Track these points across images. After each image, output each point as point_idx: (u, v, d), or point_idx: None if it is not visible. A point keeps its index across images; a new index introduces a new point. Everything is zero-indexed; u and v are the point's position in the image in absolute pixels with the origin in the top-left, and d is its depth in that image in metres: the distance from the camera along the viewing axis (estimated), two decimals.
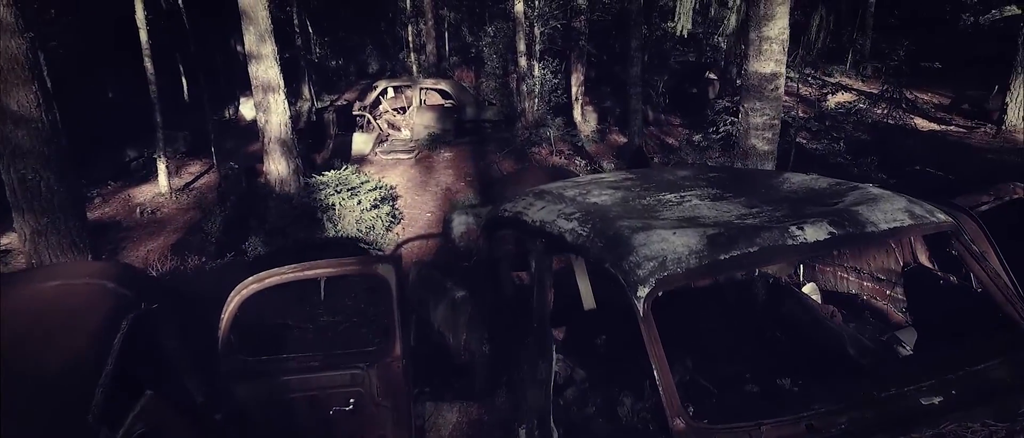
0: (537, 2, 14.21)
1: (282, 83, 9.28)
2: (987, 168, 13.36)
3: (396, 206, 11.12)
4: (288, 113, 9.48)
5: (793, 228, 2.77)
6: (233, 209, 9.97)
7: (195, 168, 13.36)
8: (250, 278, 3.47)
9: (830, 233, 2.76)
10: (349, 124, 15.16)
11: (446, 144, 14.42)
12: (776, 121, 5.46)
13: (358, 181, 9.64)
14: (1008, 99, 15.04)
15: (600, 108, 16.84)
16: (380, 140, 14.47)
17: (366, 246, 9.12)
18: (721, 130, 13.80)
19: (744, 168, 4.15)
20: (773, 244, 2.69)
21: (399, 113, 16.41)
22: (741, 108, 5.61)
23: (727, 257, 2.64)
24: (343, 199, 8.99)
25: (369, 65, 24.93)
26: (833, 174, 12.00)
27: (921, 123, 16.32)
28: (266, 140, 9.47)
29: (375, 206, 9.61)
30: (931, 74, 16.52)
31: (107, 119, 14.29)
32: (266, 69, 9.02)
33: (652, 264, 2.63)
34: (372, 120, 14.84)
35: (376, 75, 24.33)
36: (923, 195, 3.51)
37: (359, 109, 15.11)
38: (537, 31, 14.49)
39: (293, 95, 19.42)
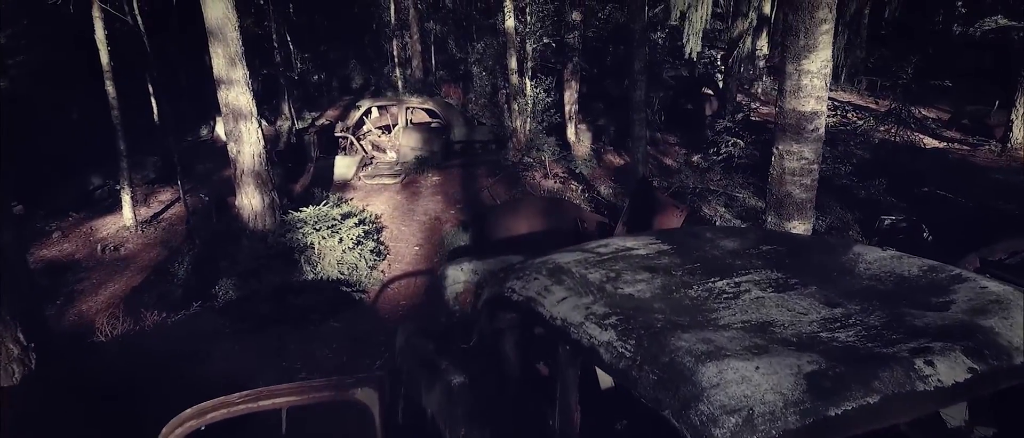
0: (529, 17, 13.53)
1: (255, 110, 8.50)
2: (997, 190, 12.85)
3: (381, 238, 10.35)
4: (262, 143, 8.69)
5: (920, 363, 2.04)
6: (203, 247, 9.14)
7: (166, 196, 12.49)
8: (187, 412, 2.67)
9: (970, 370, 2.04)
10: (332, 145, 14.37)
11: (434, 167, 13.67)
12: (815, 165, 4.79)
13: (338, 214, 8.86)
14: (1013, 116, 14.56)
15: (594, 126, 16.18)
16: (364, 163, 13.69)
17: (348, 289, 8.33)
18: (723, 151, 13.19)
19: (796, 236, 3.48)
20: (899, 390, 1.97)
21: (384, 132, 15.64)
22: (775, 150, 4.93)
23: (839, 413, 1.91)
24: (323, 238, 8.20)
25: (353, 80, 24.12)
26: (840, 198, 11.36)
27: (926, 141, 15.83)
28: (238, 172, 8.67)
29: (358, 243, 8.83)
30: (928, 88, 16.09)
31: (72, 143, 13.38)
32: (237, 95, 8.24)
33: (734, 421, 1.89)
34: (355, 142, 14.06)
35: (360, 90, 23.53)
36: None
37: (341, 130, 14.32)
38: (529, 47, 13.81)
39: (273, 113, 18.59)
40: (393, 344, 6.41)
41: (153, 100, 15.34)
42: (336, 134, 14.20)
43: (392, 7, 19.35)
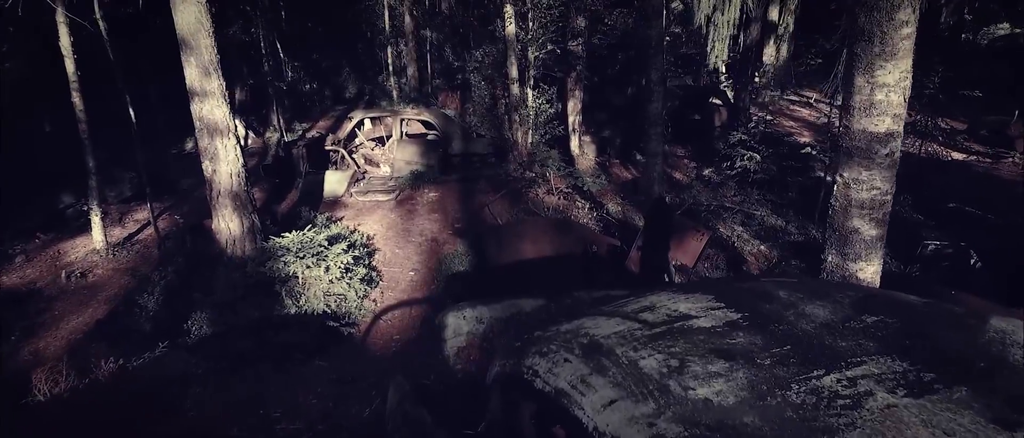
0: (531, 23, 12.77)
1: (232, 124, 7.69)
2: None
3: (373, 262, 9.53)
4: (240, 160, 7.87)
5: None
6: (175, 276, 8.30)
7: (143, 214, 11.62)
8: None
9: None
10: (322, 159, 13.56)
11: (431, 182, 12.86)
12: (888, 196, 4.01)
13: (325, 239, 8.02)
14: None
15: (598, 138, 15.41)
16: (356, 179, 12.86)
17: (335, 323, 7.51)
18: (737, 165, 12.42)
19: (903, 299, 2.70)
20: None
21: (378, 144, 14.83)
22: (838, 177, 4.15)
23: None
24: (308, 267, 7.37)
25: (346, 89, 23.33)
26: None
27: (949, 154, 15.11)
28: (214, 194, 7.85)
29: (348, 270, 8.01)
30: (946, 98, 15.36)
31: (43, 158, 12.52)
32: (212, 108, 7.42)
33: None
34: (347, 156, 13.24)
35: (354, 100, 22.73)
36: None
37: (332, 143, 13.51)
38: (531, 55, 13.04)
39: (261, 123, 17.77)
40: (385, 390, 5.60)
41: (131, 111, 14.54)
42: (326, 148, 13.38)
43: (387, 14, 18.56)
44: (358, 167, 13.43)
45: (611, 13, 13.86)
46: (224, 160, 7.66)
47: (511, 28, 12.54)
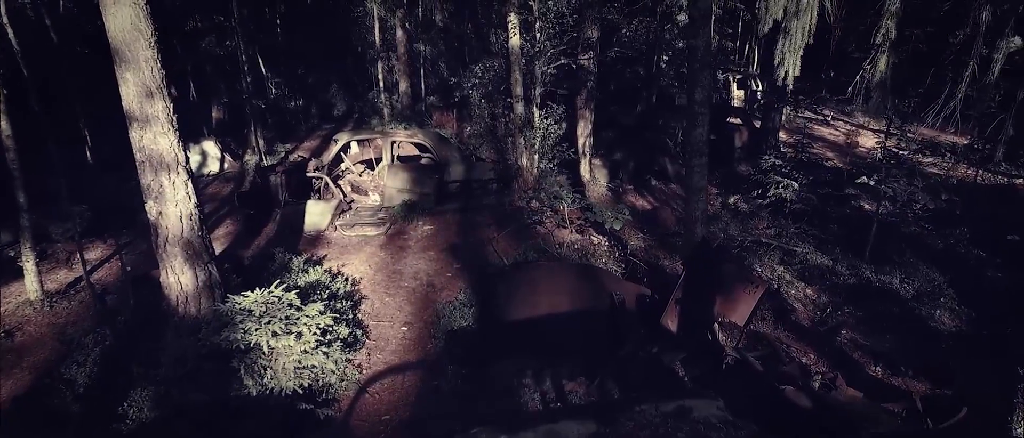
0: (539, 35, 11.39)
1: (182, 156, 6.23)
2: None
3: (358, 314, 8.05)
4: (193, 200, 6.41)
5: None
6: (115, 340, 6.79)
7: (96, 253, 10.09)
8: None
9: None
10: (306, 185, 12.08)
11: (426, 213, 11.41)
12: None
13: (295, 295, 6.54)
14: None
15: (609, 161, 14.02)
16: (341, 210, 11.39)
17: (308, 405, 6.01)
18: (771, 194, 11.03)
19: None
20: None
21: (366, 169, 13.39)
22: None
23: None
24: (274, 334, 5.88)
25: (335, 106, 21.87)
26: (917, 251, 9.15)
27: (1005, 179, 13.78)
28: (161, 241, 6.37)
29: (326, 332, 6.53)
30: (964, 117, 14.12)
31: None
32: (155, 137, 5.97)
33: None
34: (331, 184, 11.77)
35: (342, 117, 21.28)
36: None
37: (315, 169, 12.03)
38: (538, 71, 11.65)
39: (241, 145, 16.26)
40: None
41: (86, 133, 13.06)
42: (308, 174, 11.90)
43: (376, 26, 17.18)
44: (344, 196, 11.96)
45: (630, 23, 12.46)
46: (172, 200, 6.19)
47: (516, 40, 11.17)
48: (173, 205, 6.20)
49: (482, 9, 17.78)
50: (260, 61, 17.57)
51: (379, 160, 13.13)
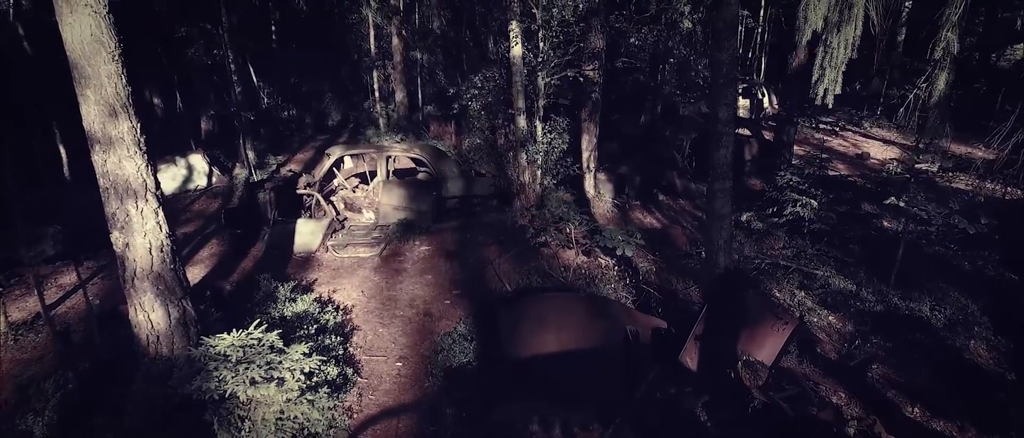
0: (541, 44, 10.81)
1: (152, 181, 5.61)
2: None
3: (349, 348, 7.41)
4: (164, 230, 5.78)
5: None
6: (79, 385, 6.14)
7: (69, 278, 9.44)
8: None
9: None
10: (296, 203, 11.45)
11: (423, 232, 10.79)
12: None
13: (277, 336, 5.90)
14: None
15: (615, 175, 13.42)
16: (333, 229, 10.76)
17: None
18: (787, 212, 10.44)
19: None
20: None
21: (360, 183, 12.77)
22: None
23: None
24: (252, 382, 5.24)
25: (329, 116, 21.27)
26: (945, 275, 8.53)
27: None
28: (128, 275, 5.74)
29: (312, 375, 5.89)
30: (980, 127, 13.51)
31: None
32: (120, 160, 5.35)
33: None
34: (322, 202, 11.14)
35: (337, 128, 20.68)
36: None
37: (305, 186, 11.41)
38: (541, 82, 11.06)
39: (230, 158, 15.63)
40: None
41: (61, 147, 12.39)
42: (299, 191, 11.27)
43: (371, 34, 16.59)
44: (336, 213, 11.34)
45: (639, 31, 11.87)
46: (140, 230, 5.56)
47: (517, 49, 10.58)
48: (141, 236, 5.58)
49: (481, 17, 17.21)
50: (251, 70, 16.96)
51: (374, 173, 12.53)
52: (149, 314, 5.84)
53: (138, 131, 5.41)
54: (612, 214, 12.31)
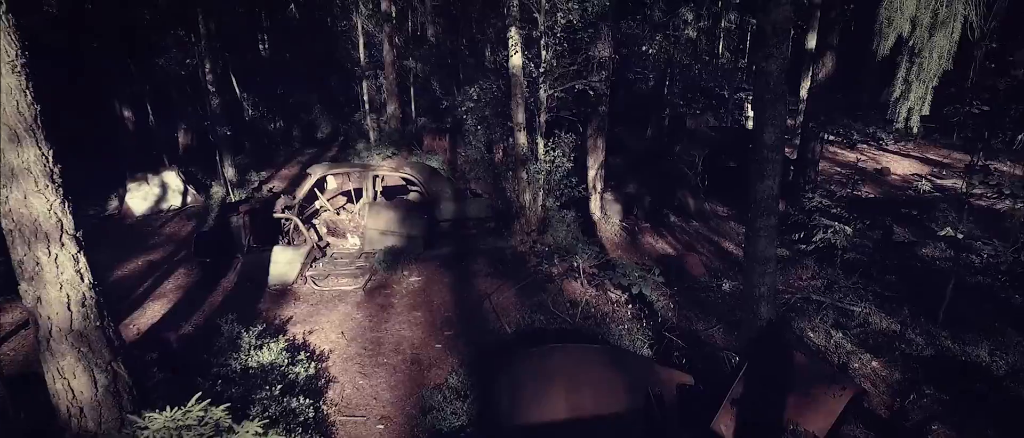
0: (544, 53, 9.80)
1: (69, 223, 4.55)
2: None
3: (323, 406, 6.32)
4: (87, 279, 4.71)
5: None
6: None
7: (13, 316, 8.35)
8: None
9: None
10: (274, 228, 10.38)
11: (413, 260, 9.74)
12: None
13: (224, 410, 4.84)
14: None
15: (623, 195, 12.39)
16: (313, 257, 9.70)
17: None
18: (817, 239, 9.41)
19: None
20: None
21: (347, 202, 11.72)
22: None
23: None
24: None
25: (318, 128, 20.18)
26: (999, 313, 7.26)
27: None
28: (43, 334, 4.67)
29: None
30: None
31: None
32: (25, 197, 4.30)
33: None
34: (301, 227, 10.08)
35: (327, 141, 19.60)
36: None
37: (284, 209, 10.34)
38: (542, 94, 10.05)
39: (209, 175, 14.55)
40: None
41: None
42: (276, 214, 10.21)
43: (362, 42, 15.58)
44: (318, 239, 10.28)
45: (652, 39, 10.84)
46: (54, 282, 4.50)
47: (517, 59, 9.58)
48: (56, 288, 4.52)
49: (478, 24, 16.21)
50: (233, 80, 15.93)
51: (359, 193, 11.48)
52: (70, 381, 4.77)
53: (50, 160, 4.37)
54: (620, 238, 11.28)
